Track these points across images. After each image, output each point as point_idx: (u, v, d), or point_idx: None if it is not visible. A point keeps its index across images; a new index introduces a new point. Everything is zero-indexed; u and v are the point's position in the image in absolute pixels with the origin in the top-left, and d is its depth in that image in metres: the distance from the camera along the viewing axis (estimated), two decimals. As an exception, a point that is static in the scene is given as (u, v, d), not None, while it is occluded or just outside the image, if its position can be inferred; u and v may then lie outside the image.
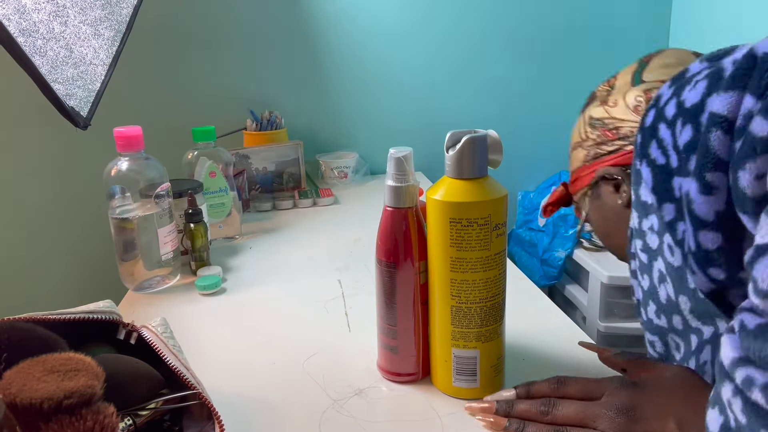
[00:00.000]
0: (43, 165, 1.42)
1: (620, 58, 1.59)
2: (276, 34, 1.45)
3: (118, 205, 0.80)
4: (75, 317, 0.46)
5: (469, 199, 0.49)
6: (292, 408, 0.54)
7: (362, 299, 0.77)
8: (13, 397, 0.32)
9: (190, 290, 0.82)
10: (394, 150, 0.53)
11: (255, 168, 1.30)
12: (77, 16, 0.83)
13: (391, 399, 0.55)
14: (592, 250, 1.42)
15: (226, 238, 1.03)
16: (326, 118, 1.53)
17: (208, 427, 0.44)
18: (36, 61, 0.69)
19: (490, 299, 0.51)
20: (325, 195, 1.26)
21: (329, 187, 1.36)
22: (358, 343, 0.65)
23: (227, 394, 0.56)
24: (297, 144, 1.34)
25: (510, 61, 1.56)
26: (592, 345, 0.58)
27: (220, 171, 0.99)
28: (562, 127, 1.63)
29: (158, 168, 0.82)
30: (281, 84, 1.48)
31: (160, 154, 0.86)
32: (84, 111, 0.81)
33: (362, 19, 1.47)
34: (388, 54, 1.51)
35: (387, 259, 0.54)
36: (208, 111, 1.45)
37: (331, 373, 0.60)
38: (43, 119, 1.34)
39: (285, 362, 0.62)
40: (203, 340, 0.68)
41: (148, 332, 0.48)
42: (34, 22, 0.71)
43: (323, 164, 1.43)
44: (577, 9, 1.55)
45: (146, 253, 0.81)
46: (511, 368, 0.58)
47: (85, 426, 0.33)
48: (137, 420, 0.45)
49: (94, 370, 0.36)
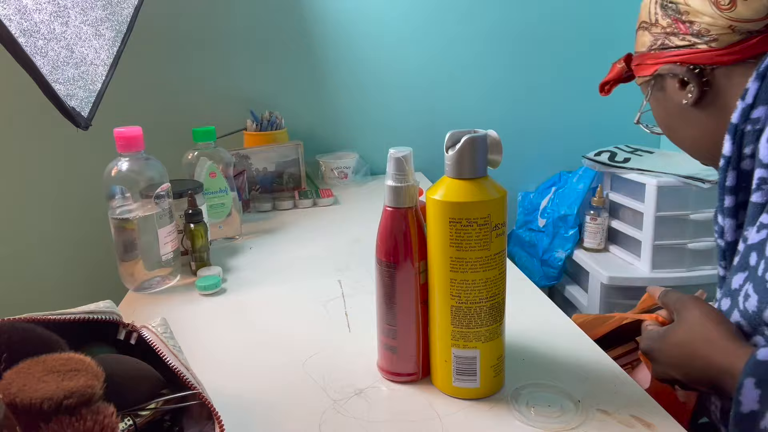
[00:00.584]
0: (44, 165, 1.42)
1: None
2: (276, 35, 1.45)
3: (118, 205, 0.80)
4: (75, 317, 0.46)
5: (468, 199, 0.49)
6: (292, 408, 0.54)
7: (362, 299, 0.77)
8: (13, 397, 0.32)
9: (190, 290, 0.82)
10: (394, 150, 0.53)
11: (255, 168, 1.30)
12: (78, 17, 0.83)
13: (391, 399, 0.55)
14: (592, 251, 1.42)
15: (226, 239, 1.03)
16: (326, 119, 1.53)
17: (208, 427, 0.44)
18: (37, 62, 0.69)
19: (490, 299, 0.51)
20: (325, 195, 1.26)
21: (329, 188, 1.36)
22: (358, 343, 0.65)
23: (227, 394, 0.56)
24: (297, 144, 1.34)
25: (510, 62, 1.57)
26: (656, 289, 0.62)
27: (220, 171, 0.99)
28: (562, 128, 1.64)
29: (158, 168, 0.82)
30: (281, 84, 1.48)
31: (160, 154, 0.86)
32: (85, 111, 0.81)
33: (363, 19, 1.47)
34: (388, 54, 1.51)
35: (387, 259, 0.54)
36: (208, 111, 1.45)
37: (331, 373, 0.60)
38: (43, 119, 1.34)
39: (285, 362, 0.62)
40: (203, 341, 0.68)
41: (148, 332, 0.48)
42: (35, 22, 0.72)
43: (323, 164, 1.43)
44: (578, 12, 1.55)
45: (146, 253, 0.81)
46: (511, 368, 0.58)
47: (85, 426, 0.33)
48: (137, 420, 0.45)
49: (94, 370, 0.36)
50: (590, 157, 1.43)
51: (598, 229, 1.40)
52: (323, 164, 1.43)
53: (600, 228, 1.40)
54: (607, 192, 1.42)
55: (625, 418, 0.50)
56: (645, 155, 1.41)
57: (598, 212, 1.39)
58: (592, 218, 1.40)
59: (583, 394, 0.54)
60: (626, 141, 1.60)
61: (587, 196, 1.44)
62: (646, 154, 1.41)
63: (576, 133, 1.63)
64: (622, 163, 1.35)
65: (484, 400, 0.54)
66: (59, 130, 1.07)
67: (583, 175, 1.48)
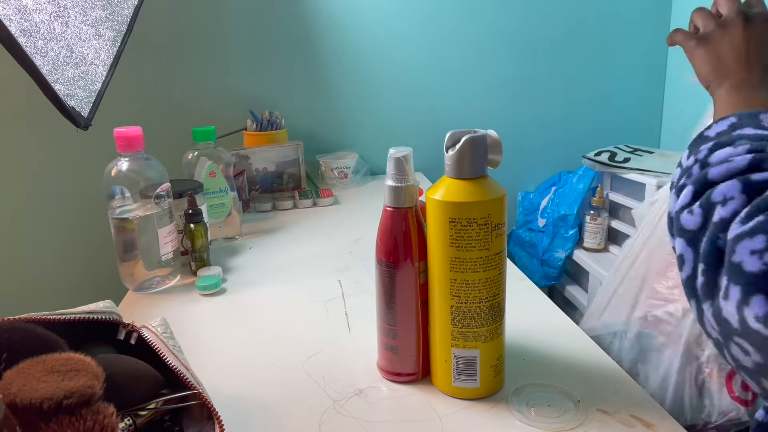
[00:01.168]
0: (44, 165, 1.42)
1: (620, 59, 1.60)
2: (276, 35, 1.45)
3: (118, 205, 0.80)
4: (75, 317, 0.46)
5: (468, 199, 0.49)
6: (292, 408, 0.54)
7: (362, 299, 0.77)
8: (13, 397, 0.32)
9: (190, 290, 0.82)
10: (393, 150, 0.53)
11: (255, 168, 1.30)
12: (78, 17, 0.83)
13: (391, 399, 0.55)
14: (592, 251, 1.42)
15: (226, 239, 1.03)
16: (326, 119, 1.53)
17: (208, 427, 0.44)
18: (37, 62, 0.69)
19: (489, 299, 0.51)
20: (325, 195, 1.26)
21: (329, 188, 1.36)
22: (358, 343, 0.65)
23: (227, 394, 0.56)
24: (297, 144, 1.34)
25: (510, 61, 1.57)
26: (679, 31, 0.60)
27: (220, 171, 0.99)
28: (562, 128, 1.64)
29: (158, 168, 0.82)
30: (281, 84, 1.48)
31: (160, 154, 0.86)
32: (85, 111, 0.81)
33: (363, 19, 1.47)
34: (388, 54, 1.51)
35: (387, 259, 0.54)
36: (208, 111, 1.45)
37: (331, 373, 0.60)
38: (43, 119, 1.34)
39: (285, 362, 0.62)
40: (203, 341, 0.68)
41: (148, 332, 0.48)
42: (35, 22, 0.72)
43: (323, 164, 1.43)
44: (577, 10, 1.55)
45: (146, 253, 0.81)
46: (511, 368, 0.58)
47: (85, 426, 0.33)
48: (137, 420, 0.45)
49: (94, 370, 0.36)
50: (590, 157, 1.43)
51: (598, 229, 1.40)
52: (323, 164, 1.43)
53: (600, 228, 1.40)
54: (607, 192, 1.42)
55: (625, 418, 0.50)
56: (645, 155, 1.41)
57: (598, 212, 1.39)
58: (592, 218, 1.40)
59: (583, 394, 0.54)
60: (626, 141, 1.60)
61: (587, 196, 1.44)
62: (646, 154, 1.41)
63: (576, 133, 1.63)
64: (622, 163, 1.36)
65: (484, 400, 0.54)
66: (59, 130, 1.07)
67: (583, 175, 1.48)
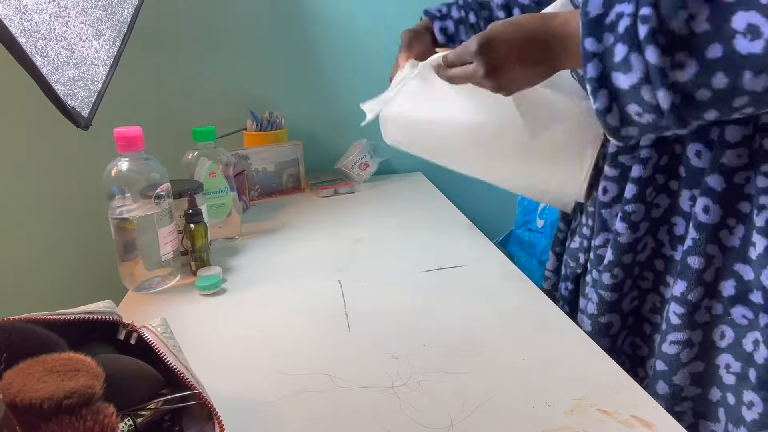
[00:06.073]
0: (44, 165, 1.42)
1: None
2: (276, 34, 1.45)
3: (118, 205, 0.80)
4: (75, 317, 0.46)
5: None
6: (292, 408, 0.54)
7: (362, 299, 0.77)
8: (13, 397, 0.32)
9: (190, 290, 0.82)
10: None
11: (255, 168, 1.30)
12: (78, 17, 0.83)
13: (391, 399, 0.55)
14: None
15: (226, 239, 1.03)
16: (326, 119, 1.53)
17: (208, 427, 0.44)
18: (37, 62, 0.69)
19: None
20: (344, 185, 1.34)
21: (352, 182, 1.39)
22: (358, 343, 0.65)
23: (227, 394, 0.56)
24: (297, 144, 1.34)
25: (510, 61, 1.56)
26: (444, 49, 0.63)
27: (220, 171, 0.99)
28: (562, 127, 1.63)
29: (158, 168, 0.82)
30: (281, 84, 1.48)
31: (160, 154, 0.86)
32: (85, 111, 0.81)
33: (363, 19, 1.47)
34: (388, 54, 1.51)
35: None
36: (208, 111, 1.45)
37: (331, 373, 0.60)
38: (43, 119, 1.34)
39: (285, 362, 0.62)
40: (203, 341, 0.68)
41: (148, 332, 0.48)
42: (35, 22, 0.72)
43: (344, 168, 1.43)
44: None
45: (146, 253, 0.81)
46: (511, 368, 0.58)
47: (85, 426, 0.33)
48: (137, 420, 0.45)
49: (94, 370, 0.36)
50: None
51: (598, 230, 1.40)
52: (344, 168, 1.43)
53: (600, 228, 1.40)
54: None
55: (625, 418, 0.50)
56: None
57: (598, 212, 1.39)
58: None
59: (583, 394, 0.54)
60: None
61: (587, 197, 1.44)
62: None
63: (576, 133, 1.63)
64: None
65: (488, 401, 0.54)
66: (59, 130, 1.07)
67: (582, 176, 1.48)
